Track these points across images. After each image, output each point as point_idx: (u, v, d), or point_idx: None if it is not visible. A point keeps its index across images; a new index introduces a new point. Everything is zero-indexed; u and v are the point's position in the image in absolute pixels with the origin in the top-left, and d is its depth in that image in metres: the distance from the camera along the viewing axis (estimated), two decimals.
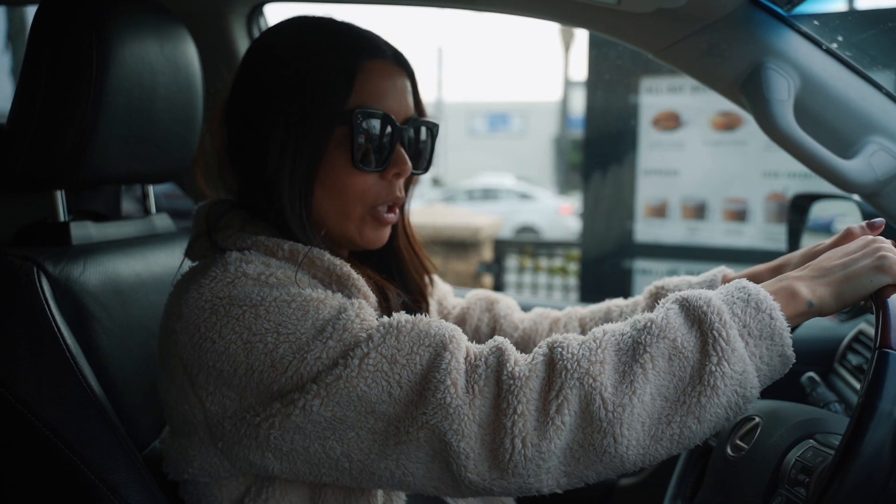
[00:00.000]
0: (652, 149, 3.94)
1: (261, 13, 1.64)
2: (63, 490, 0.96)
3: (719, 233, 3.86)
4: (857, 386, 1.29)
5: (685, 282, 1.15)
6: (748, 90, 1.26)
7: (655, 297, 1.16)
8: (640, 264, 3.97)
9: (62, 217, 1.16)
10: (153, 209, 1.39)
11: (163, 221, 1.38)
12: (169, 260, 1.28)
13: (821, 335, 1.51)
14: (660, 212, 3.96)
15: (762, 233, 3.79)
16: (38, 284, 1.01)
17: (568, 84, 24.16)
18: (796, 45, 1.24)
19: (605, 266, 4.06)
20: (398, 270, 1.17)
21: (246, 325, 0.85)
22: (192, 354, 0.87)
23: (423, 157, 1.08)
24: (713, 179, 3.85)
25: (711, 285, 1.10)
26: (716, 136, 3.84)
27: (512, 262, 6.38)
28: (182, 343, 0.88)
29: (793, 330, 0.83)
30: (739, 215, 3.81)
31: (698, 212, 3.91)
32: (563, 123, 24.17)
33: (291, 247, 0.95)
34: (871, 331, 1.38)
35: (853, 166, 1.23)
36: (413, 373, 0.84)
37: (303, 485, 0.93)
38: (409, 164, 1.01)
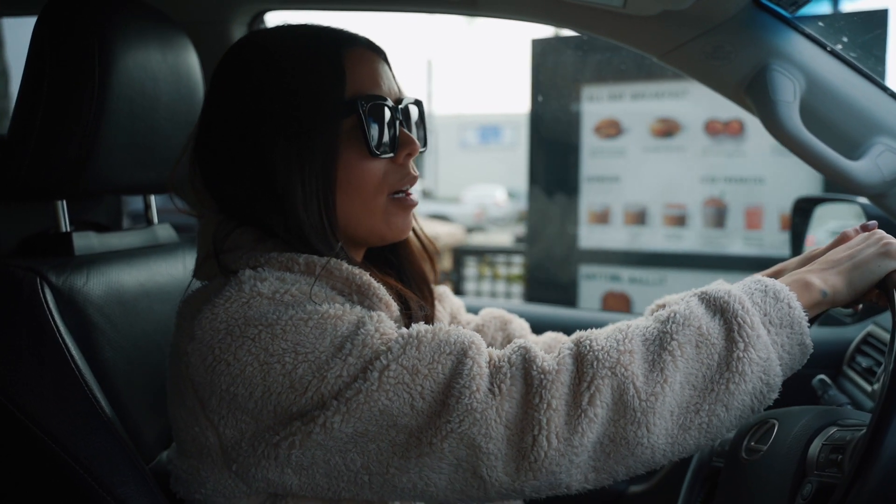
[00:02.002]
0: (594, 156, 4.02)
1: (261, 21, 1.64)
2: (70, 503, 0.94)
3: (660, 238, 3.95)
4: (868, 388, 1.28)
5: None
6: (753, 92, 1.26)
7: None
8: (584, 270, 4.04)
9: (64, 227, 1.14)
10: (155, 219, 1.38)
11: (165, 231, 1.36)
12: (172, 270, 1.27)
13: (829, 338, 1.51)
14: (603, 218, 4.04)
15: (701, 237, 3.90)
16: (41, 295, 0.99)
17: None
18: (801, 47, 1.23)
19: (550, 271, 4.12)
20: (408, 263, 1.15)
21: (262, 345, 0.82)
22: (205, 378, 0.84)
23: (420, 135, 1.06)
24: (653, 185, 3.95)
25: None
26: (655, 142, 3.93)
27: (471, 270, 6.40)
28: (194, 366, 0.85)
29: (811, 323, 0.85)
30: (679, 220, 3.92)
31: (639, 217, 3.98)
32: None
33: (307, 259, 0.91)
34: (879, 333, 1.38)
35: (860, 167, 1.23)
36: (436, 382, 0.82)
37: (317, 500, 0.91)
38: (417, 142, 1.00)
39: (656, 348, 0.82)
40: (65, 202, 1.15)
